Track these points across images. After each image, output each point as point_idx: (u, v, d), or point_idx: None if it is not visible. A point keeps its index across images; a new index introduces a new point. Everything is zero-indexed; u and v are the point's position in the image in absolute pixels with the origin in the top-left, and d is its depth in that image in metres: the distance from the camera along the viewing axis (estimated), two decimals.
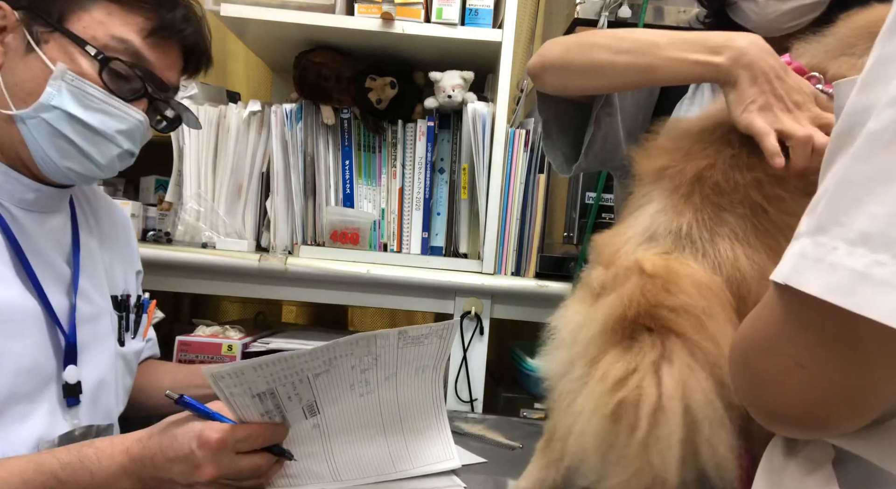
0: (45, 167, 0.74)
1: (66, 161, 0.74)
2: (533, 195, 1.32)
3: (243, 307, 1.92)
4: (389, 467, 0.78)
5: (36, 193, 0.76)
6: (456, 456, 0.84)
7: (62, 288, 0.78)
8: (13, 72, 0.72)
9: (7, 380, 0.69)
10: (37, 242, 0.76)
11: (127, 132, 0.76)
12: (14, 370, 0.69)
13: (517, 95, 1.64)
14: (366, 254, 1.33)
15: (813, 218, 0.34)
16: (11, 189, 0.74)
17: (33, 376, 0.72)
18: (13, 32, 0.73)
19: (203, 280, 1.29)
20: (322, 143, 1.37)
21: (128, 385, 0.89)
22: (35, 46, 0.72)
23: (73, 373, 0.76)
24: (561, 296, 1.29)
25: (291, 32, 1.32)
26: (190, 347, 1.22)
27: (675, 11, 1.30)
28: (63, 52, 0.72)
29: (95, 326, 0.82)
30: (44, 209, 0.78)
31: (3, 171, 0.74)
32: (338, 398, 0.75)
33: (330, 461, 0.78)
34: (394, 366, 0.78)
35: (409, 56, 1.40)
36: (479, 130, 1.28)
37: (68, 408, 0.76)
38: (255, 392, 0.68)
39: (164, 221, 1.39)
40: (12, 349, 0.69)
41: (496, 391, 1.40)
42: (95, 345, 0.81)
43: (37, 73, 0.72)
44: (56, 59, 0.72)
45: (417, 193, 1.37)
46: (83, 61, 0.73)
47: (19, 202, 0.75)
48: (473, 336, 1.29)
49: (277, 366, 0.67)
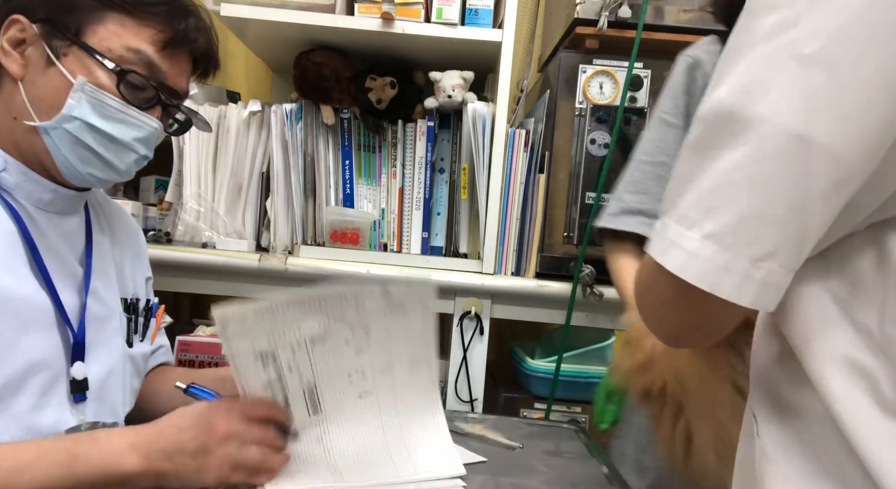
0: (68, 173, 0.78)
1: (88, 167, 0.78)
2: (533, 195, 1.32)
3: None
4: (392, 473, 0.78)
5: (53, 194, 0.79)
6: (460, 464, 0.84)
7: (74, 287, 0.80)
8: (35, 85, 0.75)
9: (18, 372, 0.71)
10: (51, 241, 0.78)
11: (144, 139, 0.80)
12: (25, 362, 0.71)
13: (517, 95, 1.65)
14: (366, 254, 1.33)
15: (662, 204, 0.48)
16: (30, 189, 0.77)
17: (43, 370, 0.74)
18: (33, 45, 0.76)
19: (203, 280, 1.29)
20: (322, 143, 1.37)
21: (135, 387, 0.91)
22: (55, 60, 0.75)
23: (81, 369, 0.78)
24: (561, 296, 1.30)
25: (291, 32, 1.33)
26: (190, 347, 1.22)
27: (675, 11, 1.30)
28: (82, 65, 0.75)
29: (104, 326, 0.84)
30: (60, 210, 0.81)
31: (23, 171, 0.77)
32: (337, 393, 0.76)
33: (332, 463, 0.78)
34: (387, 351, 0.79)
35: (409, 56, 1.40)
36: (479, 130, 1.28)
37: (75, 403, 0.78)
38: (258, 349, 0.72)
39: (164, 221, 1.39)
40: (24, 342, 0.72)
41: (496, 391, 1.40)
42: (103, 345, 0.83)
43: (58, 86, 0.75)
44: (76, 72, 0.75)
45: (417, 193, 1.37)
46: (101, 74, 0.76)
47: (37, 202, 0.78)
48: (473, 336, 1.29)
49: (276, 313, 0.72)
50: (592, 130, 1.30)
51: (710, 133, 0.43)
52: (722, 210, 0.42)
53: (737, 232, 0.41)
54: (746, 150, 0.40)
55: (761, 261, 0.41)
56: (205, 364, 1.22)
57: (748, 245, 0.41)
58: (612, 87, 1.31)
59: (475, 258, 1.34)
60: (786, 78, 0.39)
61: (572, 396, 1.34)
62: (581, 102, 1.31)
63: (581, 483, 0.87)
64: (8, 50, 0.75)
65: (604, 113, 1.30)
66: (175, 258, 1.25)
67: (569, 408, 1.34)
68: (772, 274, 0.41)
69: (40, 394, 0.73)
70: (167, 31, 0.79)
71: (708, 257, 0.42)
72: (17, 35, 0.75)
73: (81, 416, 0.78)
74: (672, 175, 0.47)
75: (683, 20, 1.30)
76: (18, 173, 0.77)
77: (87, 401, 0.79)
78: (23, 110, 0.75)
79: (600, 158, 1.30)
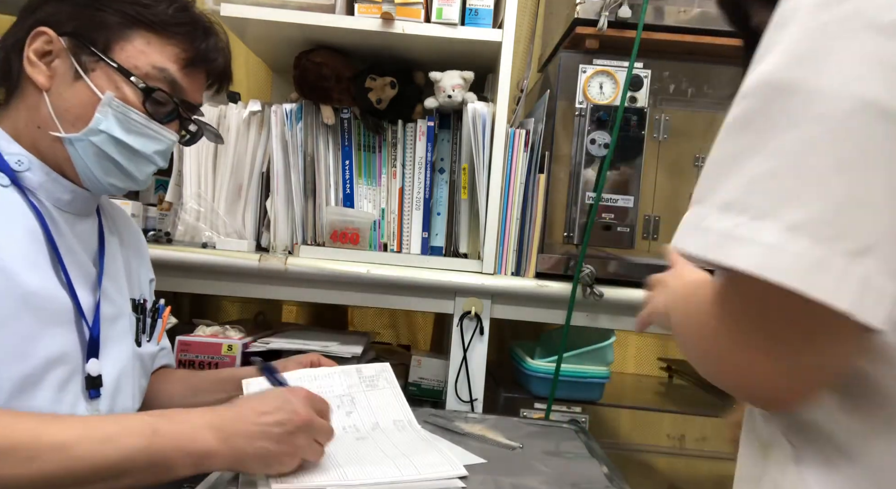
0: (89, 182, 0.81)
1: (110, 178, 0.81)
2: (533, 195, 1.32)
3: (243, 307, 1.92)
4: (394, 473, 0.79)
5: (72, 195, 0.82)
6: (460, 465, 0.84)
7: (88, 286, 0.83)
8: (62, 97, 0.78)
9: (39, 366, 0.73)
10: (69, 241, 0.81)
11: (163, 152, 0.84)
12: (44, 356, 0.73)
13: (517, 95, 1.65)
14: (366, 254, 1.33)
15: (695, 192, 0.42)
16: (51, 189, 0.80)
17: (62, 365, 0.76)
18: (59, 58, 0.78)
19: (203, 280, 1.29)
20: (322, 143, 1.37)
21: (143, 386, 0.93)
22: (83, 75, 0.78)
23: (95, 365, 0.80)
24: (561, 296, 1.29)
25: (291, 32, 1.32)
26: (190, 347, 1.22)
27: (675, 11, 1.30)
28: (109, 80, 0.78)
29: (115, 325, 0.86)
30: (77, 211, 0.84)
31: (46, 171, 0.80)
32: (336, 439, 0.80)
33: (334, 462, 0.78)
34: (372, 414, 0.95)
35: (409, 56, 1.40)
36: (479, 130, 1.28)
37: (90, 399, 0.80)
38: None
39: (164, 221, 1.39)
40: (45, 336, 0.74)
41: (496, 391, 1.40)
42: (114, 343, 0.85)
43: (85, 100, 0.78)
44: (103, 88, 0.78)
45: (417, 193, 1.37)
46: (128, 90, 0.79)
47: (56, 201, 0.80)
48: (473, 336, 1.29)
49: None
50: (592, 130, 1.30)
51: (760, 109, 0.38)
52: (806, 196, 0.35)
53: (831, 221, 0.35)
54: (818, 127, 0.36)
55: (860, 257, 0.35)
56: (205, 364, 1.22)
57: (843, 237, 0.35)
58: (612, 87, 1.31)
59: (475, 258, 1.33)
60: (857, 48, 0.35)
61: (572, 396, 1.34)
62: (581, 102, 1.31)
63: (581, 483, 0.87)
64: (34, 60, 0.78)
65: (604, 113, 1.30)
66: (175, 258, 1.25)
67: (569, 408, 1.34)
68: (872, 272, 0.35)
69: (58, 388, 0.75)
70: (190, 50, 0.83)
71: (799, 252, 0.35)
72: (43, 47, 0.78)
73: (96, 412, 0.80)
74: (710, 159, 0.41)
75: (683, 20, 1.30)
76: (42, 173, 0.79)
77: (100, 397, 0.81)
78: (48, 121, 0.78)
79: (600, 158, 1.30)
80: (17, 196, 0.76)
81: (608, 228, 1.31)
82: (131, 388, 0.87)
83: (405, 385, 1.41)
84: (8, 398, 0.69)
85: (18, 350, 0.71)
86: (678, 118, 1.32)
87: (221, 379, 1.01)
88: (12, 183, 0.77)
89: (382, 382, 1.01)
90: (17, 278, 0.71)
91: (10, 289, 0.71)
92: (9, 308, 0.70)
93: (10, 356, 0.70)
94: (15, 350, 0.70)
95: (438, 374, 1.42)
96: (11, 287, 0.71)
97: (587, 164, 1.31)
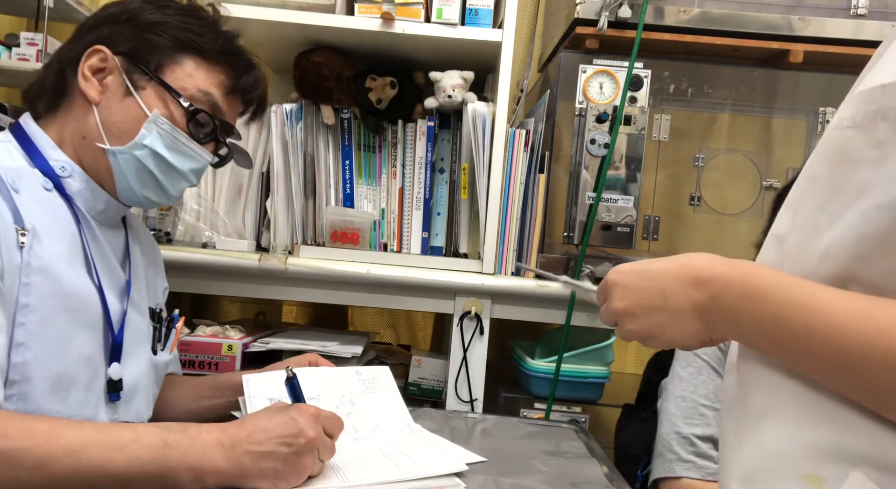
0: (125, 193, 0.85)
1: (145, 191, 0.85)
2: (533, 195, 1.32)
3: (243, 307, 1.92)
4: (394, 471, 0.79)
5: (105, 205, 0.85)
6: (461, 463, 0.84)
7: (117, 292, 0.86)
8: (111, 111, 0.82)
9: (71, 365, 0.75)
10: (103, 248, 0.85)
11: (197, 171, 0.89)
12: (76, 356, 0.76)
13: (517, 95, 1.65)
14: (366, 254, 1.33)
15: None
16: (88, 197, 0.83)
17: (89, 366, 0.78)
18: (112, 75, 0.83)
19: (203, 280, 1.30)
20: (322, 143, 1.37)
21: (155, 393, 0.95)
22: (134, 92, 0.82)
23: (117, 370, 0.83)
24: (561, 296, 1.29)
25: (291, 32, 1.32)
26: (190, 347, 1.22)
27: (675, 11, 1.30)
28: (158, 99, 0.83)
29: (136, 333, 0.89)
30: (108, 221, 0.87)
31: (86, 179, 0.83)
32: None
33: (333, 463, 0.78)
34: (372, 415, 0.95)
35: (409, 56, 1.40)
36: (479, 130, 1.28)
37: (110, 402, 0.82)
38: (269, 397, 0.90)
39: (164, 221, 1.39)
40: (78, 337, 0.77)
41: (496, 391, 1.40)
42: (134, 350, 0.87)
43: (132, 116, 0.82)
44: (152, 106, 0.82)
45: (417, 193, 1.37)
46: (175, 109, 0.84)
47: (91, 210, 0.84)
48: (473, 336, 1.29)
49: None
50: (592, 130, 1.30)
51: None
52: None
53: None
54: None
55: None
56: (205, 364, 1.22)
57: None
58: (612, 87, 1.31)
59: (475, 258, 1.34)
60: None
61: (572, 396, 1.34)
62: (581, 102, 1.31)
63: (581, 483, 0.87)
64: (88, 76, 0.82)
65: (604, 113, 1.30)
66: (175, 258, 1.25)
67: (569, 408, 1.34)
68: None
69: (85, 389, 0.77)
70: (233, 79, 0.89)
71: None
72: (97, 64, 0.82)
73: (115, 416, 0.83)
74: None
75: (683, 20, 1.30)
76: (81, 181, 0.83)
77: (119, 401, 0.83)
78: (94, 132, 0.82)
79: (600, 158, 1.30)
80: (60, 200, 0.80)
81: (608, 228, 1.31)
82: (146, 395, 0.90)
83: (405, 385, 1.41)
84: (44, 394, 0.72)
85: (58, 349, 0.74)
86: (678, 118, 1.32)
87: (221, 385, 1.02)
88: (55, 187, 0.80)
89: (382, 385, 1.01)
90: (59, 278, 0.74)
91: (53, 289, 0.73)
92: (51, 307, 0.73)
93: (49, 354, 0.73)
94: (54, 349, 0.73)
95: (438, 374, 1.42)
96: (55, 287, 0.74)
97: (587, 164, 1.31)
